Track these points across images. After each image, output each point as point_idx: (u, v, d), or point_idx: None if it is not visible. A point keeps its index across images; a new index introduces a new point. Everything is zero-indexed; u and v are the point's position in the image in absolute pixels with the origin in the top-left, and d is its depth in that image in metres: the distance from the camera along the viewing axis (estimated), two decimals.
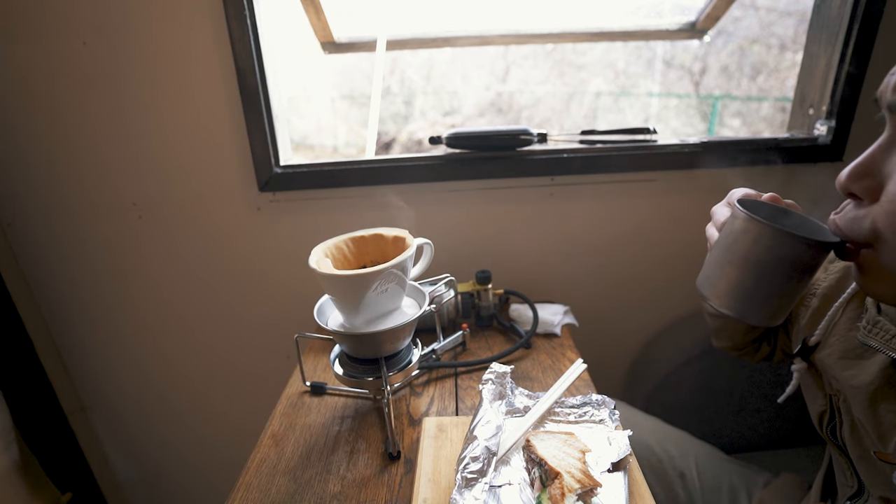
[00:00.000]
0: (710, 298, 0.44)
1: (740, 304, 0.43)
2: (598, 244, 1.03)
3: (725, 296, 0.43)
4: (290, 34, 1.18)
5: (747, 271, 0.42)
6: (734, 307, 0.43)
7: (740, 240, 0.42)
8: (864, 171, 0.37)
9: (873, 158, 0.37)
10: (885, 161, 0.36)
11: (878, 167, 0.37)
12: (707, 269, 0.46)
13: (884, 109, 0.37)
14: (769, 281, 0.41)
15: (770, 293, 0.42)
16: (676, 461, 0.77)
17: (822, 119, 0.94)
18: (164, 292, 1.05)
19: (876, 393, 0.45)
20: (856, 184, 0.38)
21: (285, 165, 0.96)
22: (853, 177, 0.38)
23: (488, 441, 0.52)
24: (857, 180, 0.37)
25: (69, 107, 0.90)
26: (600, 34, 1.27)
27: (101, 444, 1.20)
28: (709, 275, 0.46)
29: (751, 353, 0.71)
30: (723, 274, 0.44)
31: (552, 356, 0.81)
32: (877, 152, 0.37)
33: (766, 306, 0.43)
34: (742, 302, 0.43)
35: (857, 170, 0.37)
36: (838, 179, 0.39)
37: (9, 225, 0.98)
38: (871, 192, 0.37)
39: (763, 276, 0.41)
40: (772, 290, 0.42)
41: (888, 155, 0.36)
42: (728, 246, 0.43)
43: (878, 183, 0.36)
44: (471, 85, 3.27)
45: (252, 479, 0.59)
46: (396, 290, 0.65)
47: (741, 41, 2.68)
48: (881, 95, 0.37)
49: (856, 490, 0.51)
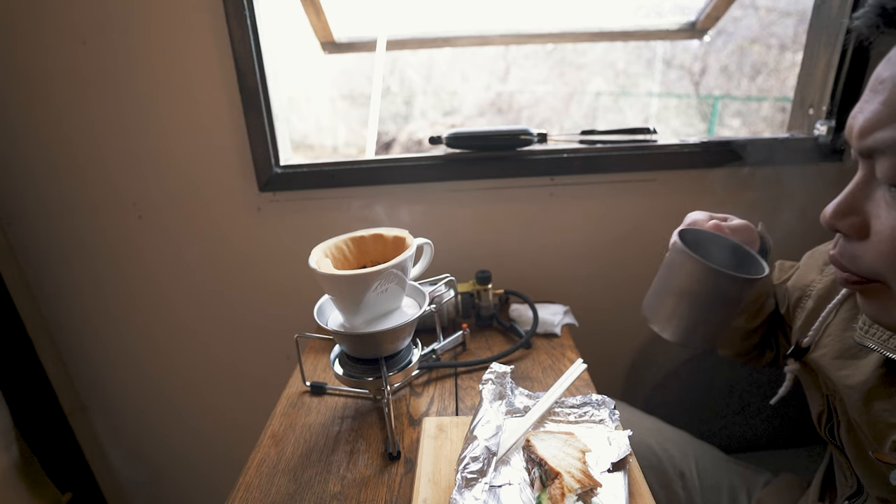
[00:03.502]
0: (652, 323, 0.49)
1: (676, 330, 0.48)
2: (598, 244, 1.03)
3: (665, 322, 0.48)
4: (290, 34, 1.18)
5: (682, 301, 0.47)
6: (672, 333, 0.48)
7: (676, 272, 0.47)
8: (847, 210, 0.38)
9: (854, 196, 0.38)
10: (866, 199, 0.37)
11: (859, 205, 0.37)
12: (649, 296, 0.51)
13: (854, 153, 0.38)
14: (700, 310, 0.46)
15: (701, 321, 0.47)
16: (676, 461, 0.77)
17: (822, 119, 0.94)
18: (163, 292, 1.05)
19: (870, 392, 0.45)
20: (841, 222, 0.38)
21: (285, 165, 0.96)
22: (837, 215, 0.39)
23: (488, 441, 0.52)
24: (841, 218, 0.38)
25: (69, 107, 0.90)
26: (600, 34, 1.27)
27: (101, 444, 1.20)
28: (651, 301, 0.50)
29: (755, 360, 0.71)
30: (661, 301, 0.49)
31: (552, 356, 0.81)
32: (856, 190, 0.38)
33: (698, 332, 0.47)
34: (678, 328, 0.48)
35: (840, 209, 0.38)
36: (823, 217, 0.40)
37: (9, 225, 0.98)
38: (857, 229, 0.38)
39: (695, 305, 0.46)
40: (703, 318, 0.47)
41: (867, 193, 0.37)
42: (666, 276, 0.48)
43: (863, 220, 0.37)
44: (471, 85, 3.28)
45: (252, 479, 0.59)
46: (396, 290, 0.65)
47: (741, 41, 2.68)
48: (847, 138, 0.38)
49: (855, 490, 0.51)
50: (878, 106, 0.35)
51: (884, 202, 0.36)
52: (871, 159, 0.36)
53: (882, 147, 0.34)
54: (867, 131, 0.35)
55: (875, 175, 0.36)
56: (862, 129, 0.36)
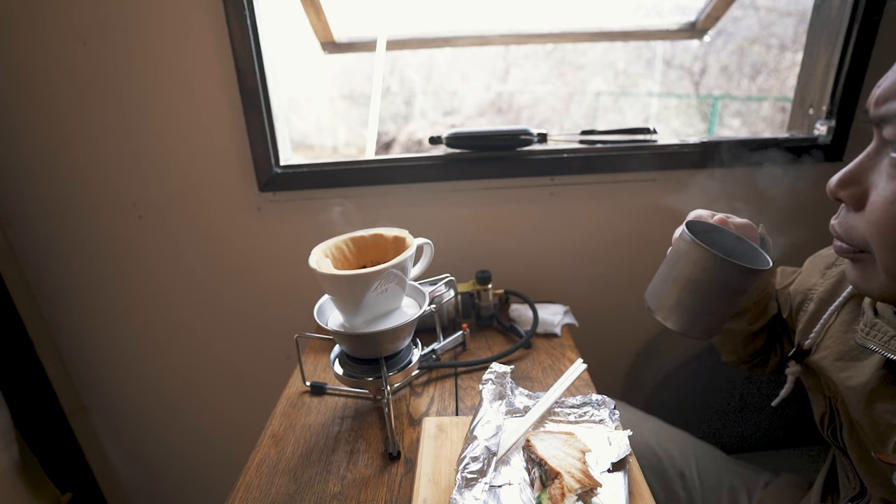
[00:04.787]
0: (655, 311, 0.50)
1: (679, 319, 0.48)
2: (598, 244, 1.03)
3: (668, 311, 0.49)
4: (290, 34, 1.18)
5: (687, 290, 0.47)
6: (675, 321, 0.49)
7: (683, 260, 0.47)
8: (851, 179, 0.39)
9: (861, 167, 0.39)
10: (871, 170, 0.38)
11: (864, 176, 0.38)
12: (653, 285, 0.52)
13: (871, 121, 0.39)
14: (705, 299, 0.47)
15: (705, 310, 0.48)
16: (676, 461, 0.77)
17: (822, 119, 0.94)
18: (163, 292, 1.05)
19: (872, 394, 0.45)
20: (843, 191, 0.39)
21: (285, 165, 0.96)
22: (841, 184, 0.39)
23: (488, 441, 0.52)
24: (844, 187, 0.39)
25: (69, 107, 0.90)
26: (600, 34, 1.27)
27: (101, 443, 1.20)
28: (655, 290, 0.51)
29: (760, 366, 0.71)
30: (666, 290, 0.49)
31: (552, 356, 0.81)
32: (864, 161, 0.38)
33: (701, 322, 0.48)
34: (681, 317, 0.48)
35: (844, 177, 0.39)
36: (828, 185, 0.41)
37: (9, 225, 0.98)
38: (857, 199, 0.38)
39: (700, 294, 0.47)
40: (707, 307, 0.47)
41: (874, 164, 0.38)
42: (672, 264, 0.49)
43: (864, 191, 0.38)
44: (471, 85, 3.28)
45: (252, 479, 0.59)
46: (396, 290, 0.65)
47: (741, 41, 2.68)
48: (868, 107, 0.39)
49: (858, 491, 0.51)
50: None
51: (885, 174, 0.36)
52: (882, 129, 0.37)
53: (891, 116, 0.36)
54: (882, 100, 0.37)
55: (885, 147, 0.37)
56: (879, 97, 0.37)
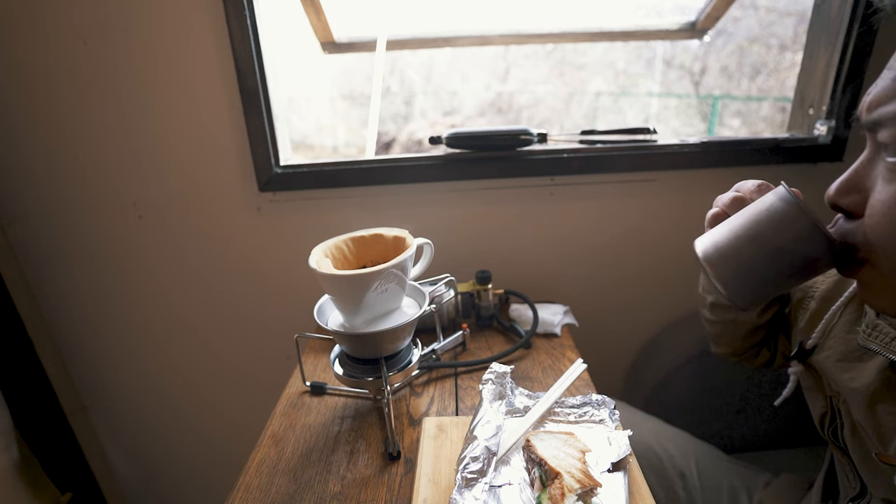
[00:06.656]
0: (715, 267, 0.43)
1: (737, 282, 0.42)
2: (597, 244, 1.03)
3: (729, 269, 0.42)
4: (290, 34, 1.18)
5: (763, 253, 0.41)
6: (730, 284, 0.42)
7: (774, 220, 0.41)
8: (850, 187, 0.38)
9: (857, 174, 0.38)
10: (868, 176, 0.37)
11: (862, 182, 0.37)
12: (720, 239, 0.44)
13: (863, 130, 0.38)
14: (777, 269, 0.41)
15: (770, 281, 0.42)
16: (676, 461, 0.77)
17: (822, 119, 0.94)
18: (164, 292, 1.05)
19: (874, 395, 0.45)
20: (843, 199, 0.38)
21: (285, 165, 0.96)
22: (840, 192, 0.38)
23: (488, 441, 0.52)
24: (843, 195, 0.38)
25: (69, 107, 0.90)
26: (600, 34, 1.27)
27: (101, 443, 1.20)
28: (721, 245, 0.44)
29: (750, 359, 0.71)
30: (738, 247, 0.42)
31: (552, 356, 0.81)
32: (860, 168, 0.38)
33: (760, 293, 0.42)
34: (740, 280, 0.42)
35: (843, 185, 0.38)
36: (826, 194, 0.40)
37: (9, 225, 0.98)
38: (858, 206, 0.38)
39: (775, 261, 0.41)
40: (773, 279, 0.42)
41: (870, 170, 0.37)
42: (757, 221, 0.42)
43: (864, 197, 0.37)
44: (471, 85, 3.27)
45: (252, 479, 0.59)
46: (396, 290, 0.65)
47: (741, 41, 2.67)
48: (860, 114, 0.38)
49: (858, 491, 0.51)
50: (888, 82, 0.35)
51: (882, 178, 0.36)
52: (876, 133, 0.37)
53: (884, 120, 0.35)
54: (874, 105, 0.36)
55: (879, 152, 0.37)
56: (870, 103, 0.37)
